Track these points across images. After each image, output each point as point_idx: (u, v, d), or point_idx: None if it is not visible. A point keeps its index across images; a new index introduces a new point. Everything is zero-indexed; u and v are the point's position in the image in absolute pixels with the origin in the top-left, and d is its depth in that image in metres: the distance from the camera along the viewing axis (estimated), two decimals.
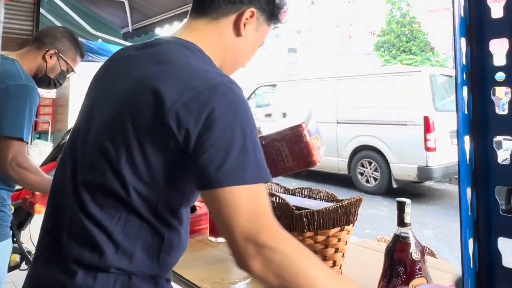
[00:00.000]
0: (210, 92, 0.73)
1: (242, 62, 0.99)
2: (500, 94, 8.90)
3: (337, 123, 7.22)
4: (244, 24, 0.91)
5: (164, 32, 4.21)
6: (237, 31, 0.91)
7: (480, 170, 0.68)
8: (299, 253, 0.69)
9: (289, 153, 1.06)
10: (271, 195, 1.16)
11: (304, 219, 1.07)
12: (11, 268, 2.08)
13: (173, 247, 0.83)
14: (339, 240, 1.11)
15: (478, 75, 0.69)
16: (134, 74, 0.80)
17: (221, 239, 1.46)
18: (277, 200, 1.13)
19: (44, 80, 1.68)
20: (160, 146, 0.74)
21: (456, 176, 4.40)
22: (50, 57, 1.67)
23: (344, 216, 1.10)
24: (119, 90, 0.80)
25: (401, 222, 0.92)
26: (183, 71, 0.77)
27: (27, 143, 1.47)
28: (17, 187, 1.96)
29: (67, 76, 1.78)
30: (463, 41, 0.68)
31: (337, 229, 1.10)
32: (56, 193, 0.88)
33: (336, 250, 1.12)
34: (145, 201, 0.77)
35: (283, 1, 0.98)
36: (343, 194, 1.03)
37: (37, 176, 1.49)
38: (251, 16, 0.91)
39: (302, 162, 1.05)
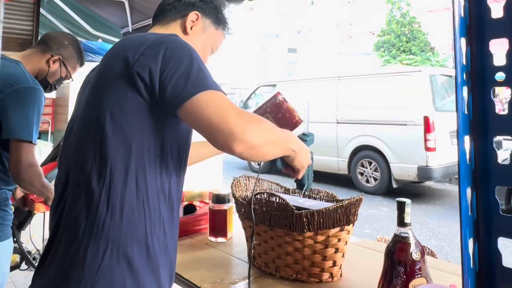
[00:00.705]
0: (161, 39, 0.87)
1: None
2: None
3: (337, 123, 7.21)
4: (192, 27, 1.08)
5: None
6: (184, 30, 1.07)
7: (480, 170, 0.68)
8: (261, 123, 0.86)
9: (275, 121, 1.11)
10: (271, 195, 1.16)
11: (304, 219, 1.07)
12: (11, 268, 2.08)
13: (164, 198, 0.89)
14: (339, 240, 1.11)
15: (478, 75, 0.69)
16: (100, 65, 0.94)
17: (221, 239, 1.46)
18: (277, 200, 1.13)
19: (42, 83, 1.68)
20: (132, 92, 0.83)
21: (456, 176, 4.41)
22: (54, 62, 1.68)
23: (344, 216, 1.10)
24: (89, 80, 0.95)
25: (401, 222, 0.92)
26: (141, 36, 0.91)
27: (35, 145, 1.49)
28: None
29: (64, 83, 1.80)
30: (463, 41, 0.68)
31: (337, 229, 1.10)
32: (56, 192, 0.92)
33: (336, 250, 1.12)
34: (128, 147, 0.84)
35: (223, 8, 1.15)
36: (343, 194, 1.03)
37: (42, 179, 1.52)
38: (196, 19, 1.08)
39: (288, 126, 1.12)
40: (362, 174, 7.03)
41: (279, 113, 1.12)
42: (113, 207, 0.82)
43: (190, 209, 1.66)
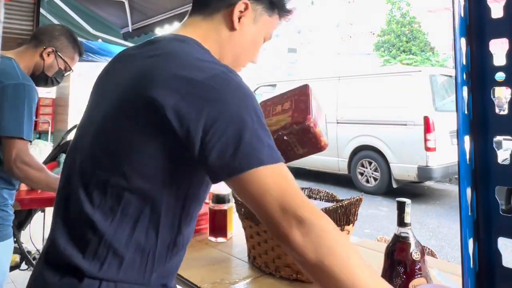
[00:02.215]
0: (209, 82, 0.71)
1: (245, 57, 0.96)
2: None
3: (337, 123, 7.22)
4: (240, 18, 0.89)
5: (164, 32, 4.21)
6: (231, 25, 0.89)
7: (480, 170, 0.68)
8: (335, 229, 0.70)
9: (298, 143, 1.08)
10: None
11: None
12: (11, 268, 2.08)
13: (171, 250, 0.80)
14: None
15: (478, 75, 0.69)
16: (130, 73, 0.79)
17: (221, 239, 1.46)
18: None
19: (41, 78, 1.68)
20: (161, 143, 0.72)
21: (456, 176, 4.41)
22: (48, 55, 1.66)
23: (344, 216, 1.10)
24: (117, 89, 0.80)
25: (401, 222, 0.92)
26: (178, 62, 0.75)
27: (29, 141, 1.48)
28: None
29: (65, 75, 1.77)
30: (463, 41, 0.68)
31: None
32: (59, 194, 0.86)
33: None
34: (146, 197, 0.75)
35: None
36: (343, 194, 1.03)
37: (41, 173, 1.50)
38: (245, 9, 0.89)
39: (312, 149, 1.07)
40: (362, 174, 7.03)
41: (304, 137, 1.06)
42: (114, 253, 0.74)
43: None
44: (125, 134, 0.74)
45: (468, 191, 0.68)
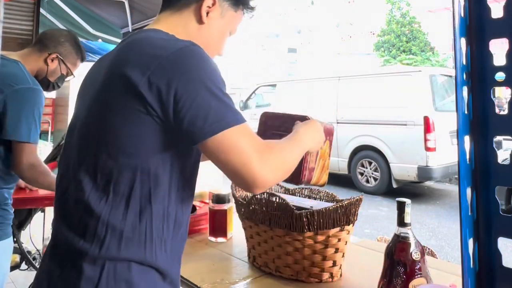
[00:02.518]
0: (174, 56, 0.78)
1: (213, 49, 1.00)
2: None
3: (337, 123, 7.21)
4: (207, 13, 0.95)
5: None
6: (199, 19, 0.95)
7: (480, 170, 0.68)
8: (279, 150, 0.86)
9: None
10: (271, 195, 1.16)
11: (304, 219, 1.07)
12: (11, 268, 2.08)
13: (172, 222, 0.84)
14: (339, 240, 1.11)
15: (478, 75, 0.69)
16: (106, 66, 0.86)
17: (221, 239, 1.46)
18: (277, 200, 1.13)
19: (43, 82, 1.68)
20: (140, 119, 0.78)
21: (456, 176, 4.40)
22: (52, 60, 1.67)
23: (344, 216, 1.10)
24: (95, 82, 0.86)
25: (401, 222, 0.92)
26: (145, 43, 0.83)
27: (37, 144, 1.52)
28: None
29: (66, 80, 1.80)
30: (463, 41, 0.68)
31: (337, 229, 1.10)
32: (57, 192, 0.90)
33: (336, 250, 1.12)
34: (134, 172, 0.79)
35: None
36: (343, 194, 1.03)
37: (48, 177, 1.54)
38: (213, 4, 0.95)
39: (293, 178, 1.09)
40: (362, 174, 7.03)
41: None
42: (112, 230, 0.78)
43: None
44: (106, 117, 0.80)
45: (468, 191, 0.68)
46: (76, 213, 0.80)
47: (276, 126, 1.16)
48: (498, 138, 0.74)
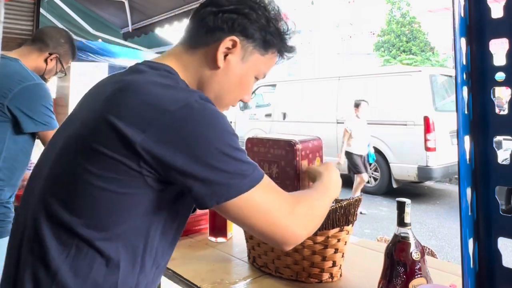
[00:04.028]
0: (180, 113, 0.68)
1: (230, 97, 0.88)
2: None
3: (337, 123, 7.21)
4: (226, 55, 0.82)
5: (164, 32, 4.20)
6: (214, 63, 0.82)
7: (480, 170, 0.68)
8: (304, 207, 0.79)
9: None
10: None
11: None
12: None
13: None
14: (338, 240, 1.11)
15: (478, 75, 0.69)
16: (99, 104, 0.74)
17: (221, 239, 1.46)
18: None
19: None
20: (127, 177, 0.68)
21: (456, 176, 4.40)
22: (51, 60, 1.70)
23: (343, 216, 1.10)
24: (83, 116, 0.76)
25: (401, 222, 0.92)
26: (144, 92, 0.71)
27: (57, 127, 1.57)
28: None
29: (58, 77, 1.86)
30: (463, 41, 0.68)
31: (337, 229, 1.10)
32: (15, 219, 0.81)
33: (336, 251, 1.12)
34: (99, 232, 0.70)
35: (281, 27, 0.87)
36: (343, 194, 1.03)
37: None
38: (233, 46, 0.81)
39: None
40: None
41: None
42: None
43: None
44: (79, 171, 0.69)
45: (468, 191, 0.68)
46: (31, 262, 0.71)
47: (263, 152, 1.15)
48: (498, 138, 0.74)
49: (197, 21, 0.84)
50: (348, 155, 5.86)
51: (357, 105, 5.92)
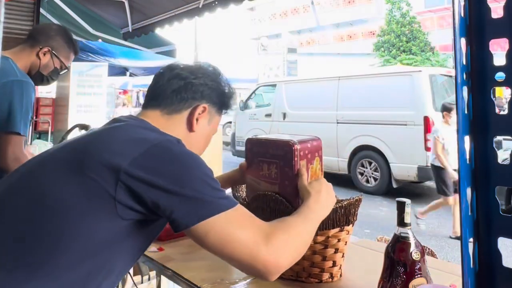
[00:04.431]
0: (162, 145, 0.79)
1: (197, 153, 0.96)
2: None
3: (337, 123, 7.21)
4: (197, 119, 0.96)
5: (164, 32, 4.20)
6: (190, 127, 0.96)
7: (480, 170, 0.68)
8: (283, 235, 0.81)
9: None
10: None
11: None
12: None
13: None
14: (338, 240, 1.11)
15: (478, 75, 0.69)
16: (85, 140, 0.85)
17: None
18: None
19: (37, 77, 1.70)
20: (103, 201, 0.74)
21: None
22: (44, 54, 1.68)
23: (343, 216, 1.10)
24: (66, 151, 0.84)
25: (401, 222, 0.92)
26: (127, 133, 0.82)
27: (24, 136, 1.49)
28: None
29: (60, 73, 1.80)
30: (463, 41, 0.68)
31: (337, 229, 1.10)
32: None
33: (336, 251, 1.12)
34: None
35: (231, 90, 1.04)
36: (343, 194, 1.03)
37: None
38: (203, 111, 0.97)
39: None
40: (362, 174, 7.03)
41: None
42: None
43: None
44: (63, 185, 0.75)
45: (468, 191, 0.68)
46: None
47: (261, 153, 1.15)
48: (498, 138, 0.74)
49: (167, 90, 0.96)
50: (437, 170, 4.72)
51: (448, 109, 4.69)
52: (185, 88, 0.95)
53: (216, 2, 3.12)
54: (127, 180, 0.73)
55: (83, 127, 1.99)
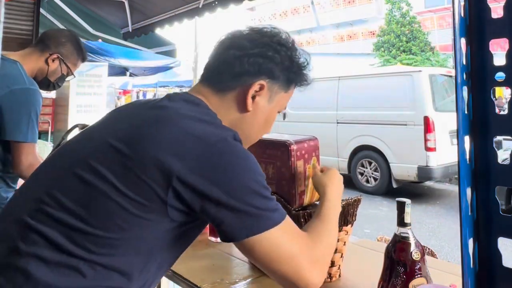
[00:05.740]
0: (217, 146, 0.72)
1: (257, 135, 0.94)
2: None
3: (337, 123, 7.21)
4: (254, 97, 0.85)
5: (164, 32, 4.20)
6: (244, 106, 0.85)
7: (480, 170, 0.68)
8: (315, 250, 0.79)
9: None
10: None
11: (302, 220, 1.07)
12: None
13: None
14: (337, 240, 1.11)
15: (478, 75, 0.69)
16: (130, 125, 0.78)
17: None
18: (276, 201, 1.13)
19: (43, 82, 1.69)
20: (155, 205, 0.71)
21: (456, 176, 4.39)
22: (53, 61, 1.67)
23: (342, 216, 1.10)
24: (117, 134, 0.78)
25: (401, 222, 0.92)
26: (184, 125, 0.75)
27: (35, 143, 1.52)
28: None
29: (66, 80, 1.79)
30: (463, 41, 0.68)
31: None
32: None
33: (335, 251, 1.11)
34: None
35: (303, 62, 0.90)
36: (343, 194, 1.03)
37: None
38: (261, 89, 0.85)
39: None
40: (362, 174, 7.03)
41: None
42: None
43: None
44: (99, 188, 0.71)
45: (468, 191, 0.67)
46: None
47: (259, 153, 1.14)
48: (498, 138, 0.74)
49: (221, 63, 0.86)
50: None
51: None
52: (241, 62, 0.83)
53: (216, 2, 3.12)
54: (179, 186, 0.70)
55: (83, 127, 1.99)
